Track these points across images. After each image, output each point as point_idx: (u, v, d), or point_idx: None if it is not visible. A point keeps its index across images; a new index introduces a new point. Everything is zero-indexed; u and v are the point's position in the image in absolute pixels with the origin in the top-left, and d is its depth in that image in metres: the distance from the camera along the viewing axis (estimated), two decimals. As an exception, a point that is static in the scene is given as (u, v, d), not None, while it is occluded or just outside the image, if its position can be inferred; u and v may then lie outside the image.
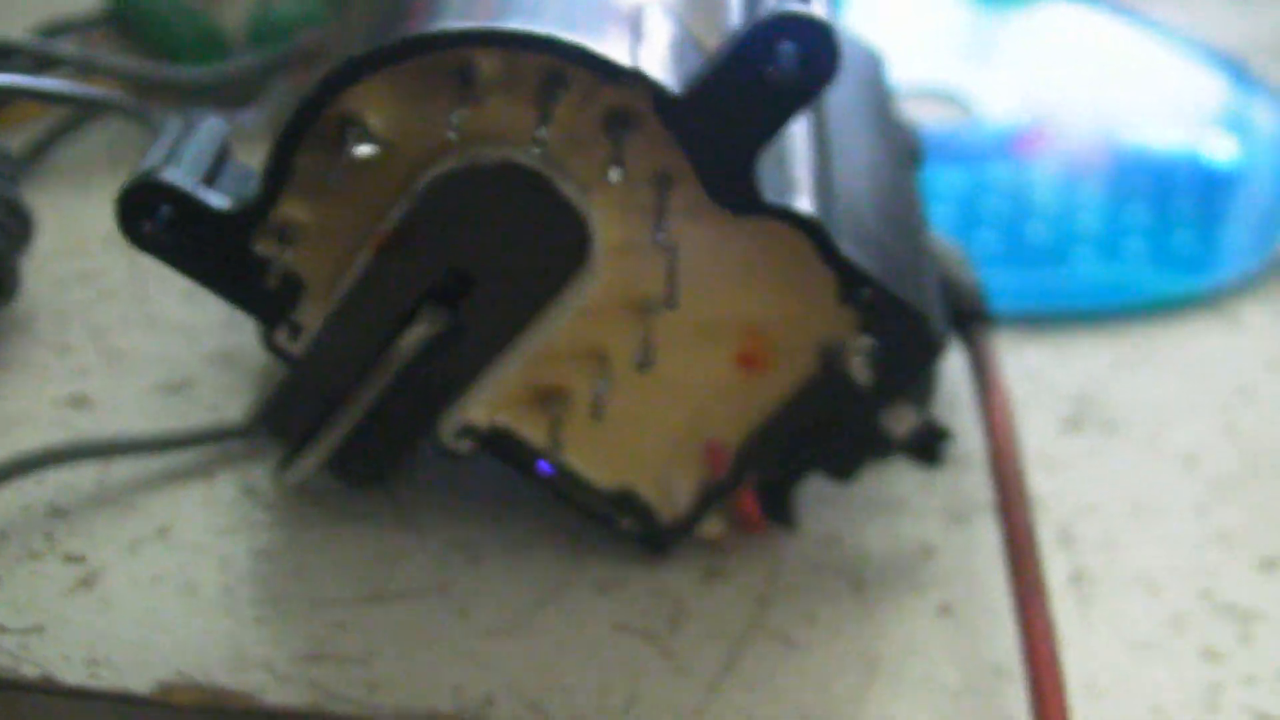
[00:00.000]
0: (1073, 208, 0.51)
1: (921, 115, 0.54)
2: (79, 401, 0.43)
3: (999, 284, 0.42)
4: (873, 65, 0.44)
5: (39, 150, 0.53)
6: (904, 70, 0.49)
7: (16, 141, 0.52)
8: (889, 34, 0.51)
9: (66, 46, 0.51)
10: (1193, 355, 0.47)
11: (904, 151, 0.42)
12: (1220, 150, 0.55)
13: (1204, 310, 0.48)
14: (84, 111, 0.52)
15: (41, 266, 0.48)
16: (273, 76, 0.53)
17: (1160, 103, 0.59)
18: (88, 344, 0.45)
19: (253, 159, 0.35)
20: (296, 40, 0.52)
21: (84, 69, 0.50)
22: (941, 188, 0.51)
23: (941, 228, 0.42)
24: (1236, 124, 0.57)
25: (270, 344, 0.36)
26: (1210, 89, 0.60)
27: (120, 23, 0.57)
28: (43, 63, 0.51)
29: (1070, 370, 0.46)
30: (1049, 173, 0.53)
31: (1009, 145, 0.55)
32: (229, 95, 0.53)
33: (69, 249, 0.49)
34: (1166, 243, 0.50)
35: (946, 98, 0.58)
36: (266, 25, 0.54)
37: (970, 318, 0.40)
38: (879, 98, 0.43)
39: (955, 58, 0.62)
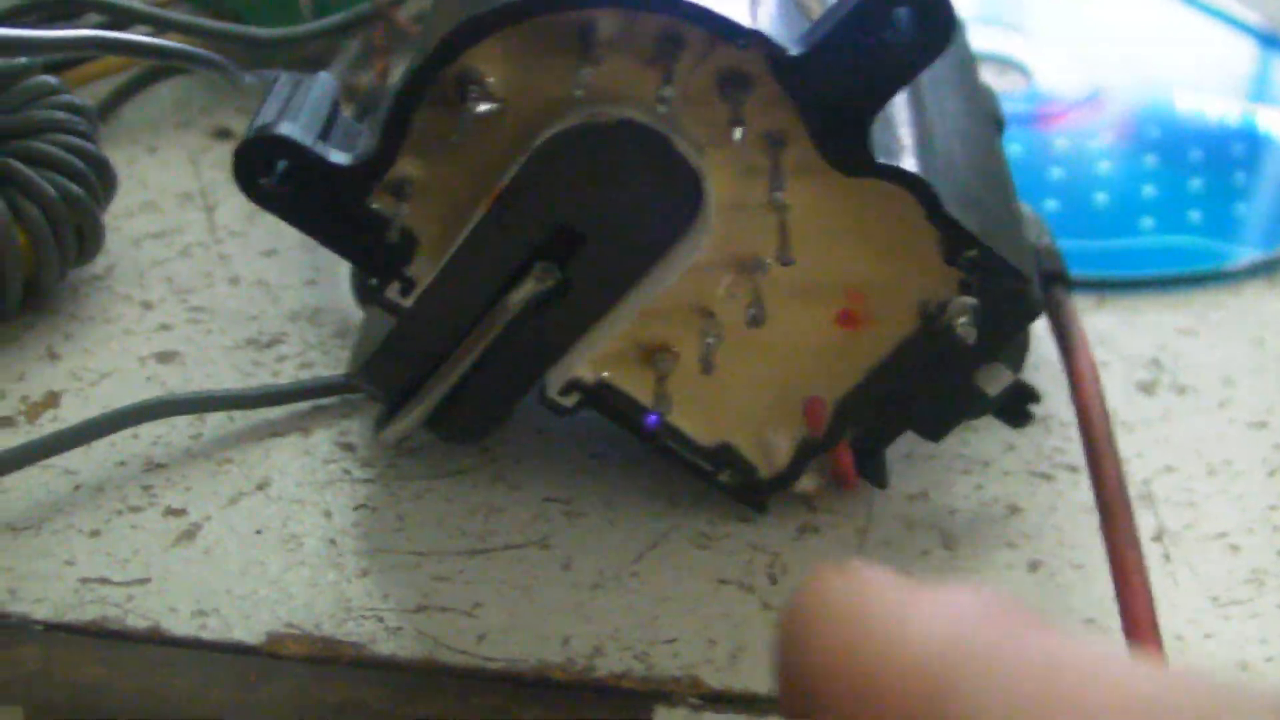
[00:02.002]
0: (1134, 177, 0.52)
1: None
2: (166, 357, 0.43)
3: (1066, 250, 0.43)
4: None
5: (108, 109, 0.53)
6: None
7: (88, 99, 0.52)
8: None
9: (142, 4, 0.51)
10: (1256, 322, 0.47)
11: (989, 116, 0.42)
12: (1273, 122, 0.56)
13: (1264, 279, 0.49)
14: (154, 71, 0.53)
15: (117, 224, 0.48)
16: (344, 37, 0.53)
17: (1206, 73, 0.59)
18: (170, 300, 0.46)
19: None
20: (365, 2, 0.53)
21: (158, 26, 0.50)
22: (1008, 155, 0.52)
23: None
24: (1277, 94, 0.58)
25: (379, 299, 0.36)
26: (1250, 58, 0.61)
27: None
28: (116, 20, 0.52)
29: (1139, 335, 0.46)
30: (1108, 140, 0.54)
31: (1069, 111, 0.55)
32: (301, 56, 0.53)
33: (143, 206, 0.50)
34: (1226, 213, 0.51)
35: (1007, 63, 0.59)
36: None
37: (1051, 280, 0.41)
38: (965, 62, 0.43)
39: (1008, 24, 0.63)
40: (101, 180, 0.45)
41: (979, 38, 0.57)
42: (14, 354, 0.43)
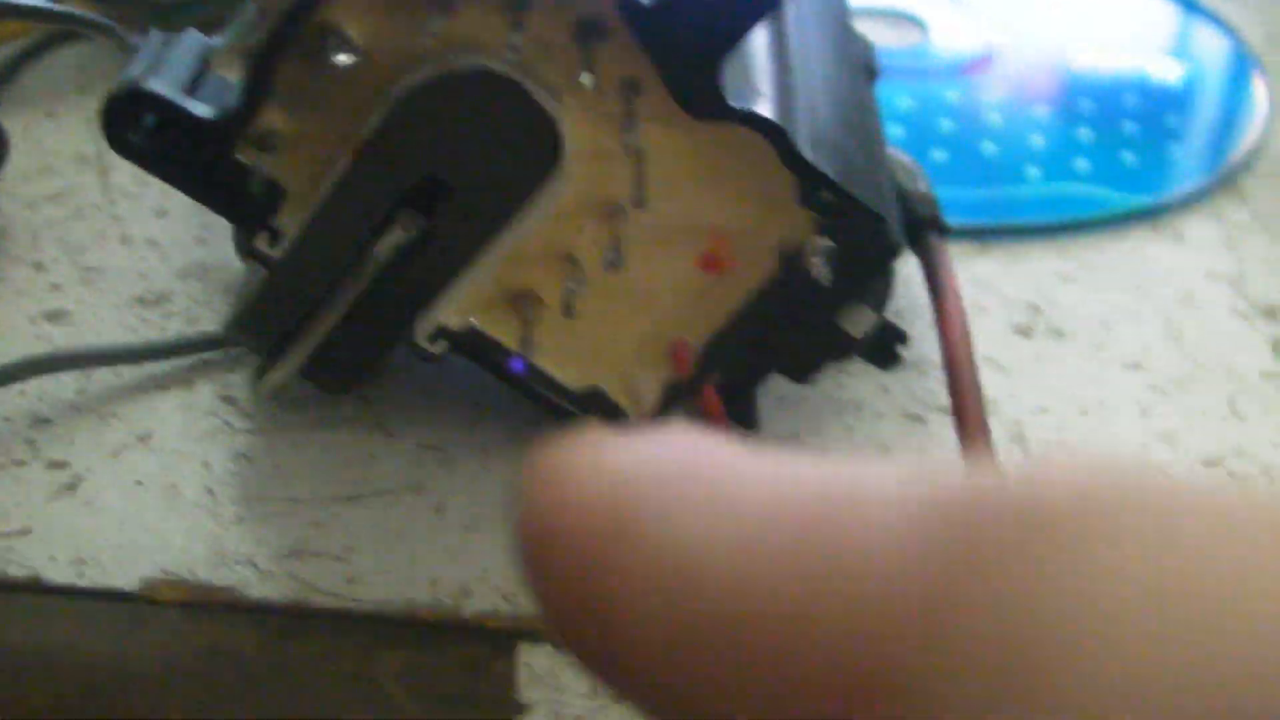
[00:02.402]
0: (1023, 128, 0.53)
1: (879, 35, 0.55)
2: (56, 316, 0.44)
3: (951, 200, 0.44)
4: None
5: (7, 73, 0.54)
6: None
7: (-16, 66, 0.53)
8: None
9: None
10: (1137, 267, 0.48)
11: (861, 65, 0.43)
12: (1167, 72, 0.57)
13: (1149, 226, 0.50)
14: (54, 36, 0.53)
15: (13, 188, 0.49)
16: (243, 2, 0.54)
17: (1109, 28, 0.60)
18: (63, 261, 0.46)
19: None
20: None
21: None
22: (896, 107, 0.53)
23: (896, 144, 0.44)
24: (1183, 48, 0.59)
25: (249, 250, 0.37)
26: (1157, 14, 0.61)
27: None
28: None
29: (1020, 281, 0.47)
30: (1000, 95, 0.55)
31: (962, 67, 0.56)
32: (199, 18, 0.54)
33: (40, 170, 0.50)
34: (1114, 161, 0.52)
35: (903, 18, 0.59)
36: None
37: (925, 226, 0.42)
38: (836, 12, 0.44)
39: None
40: (-8, 145, 0.45)
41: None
42: (-97, 316, 0.44)
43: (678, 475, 0.16)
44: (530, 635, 0.35)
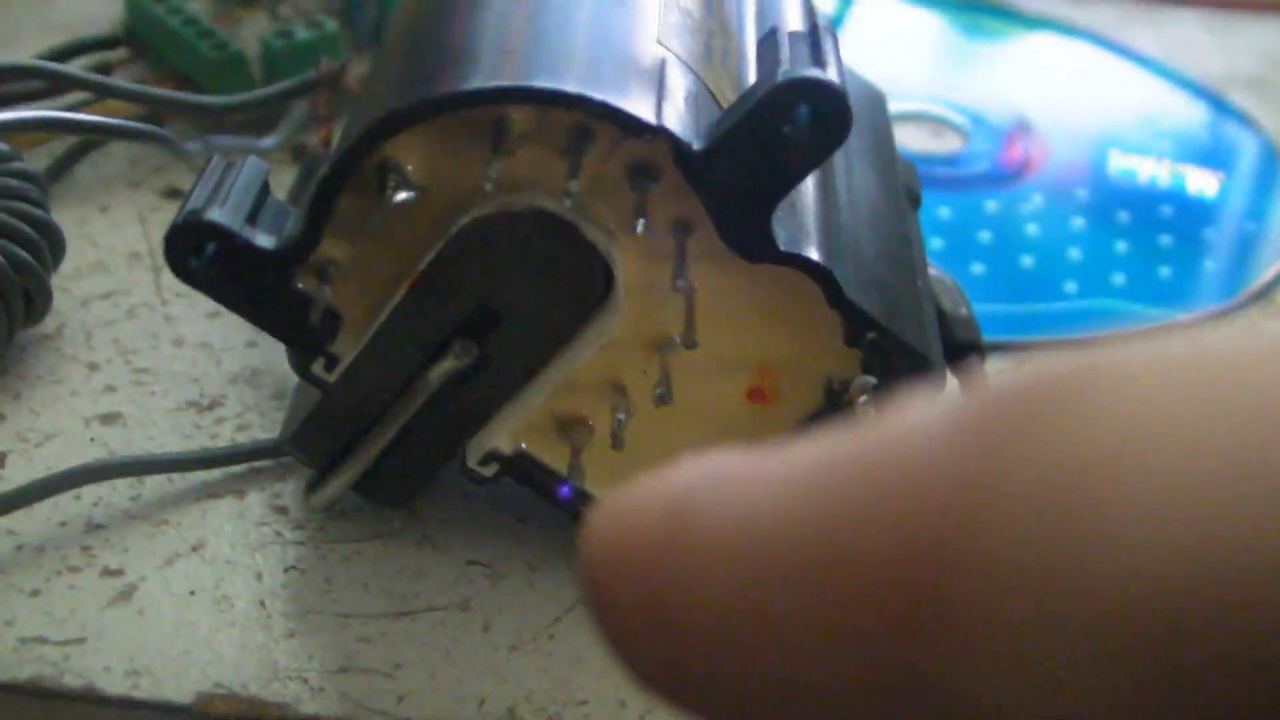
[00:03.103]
0: (1060, 241, 0.54)
1: (919, 142, 0.56)
2: (110, 419, 0.45)
3: (989, 316, 0.44)
4: (876, 104, 0.46)
5: (60, 169, 0.55)
6: (897, 95, 0.51)
7: (40, 161, 0.54)
8: (877, 55, 0.53)
9: (83, 72, 0.53)
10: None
11: (904, 191, 0.44)
12: (1203, 184, 0.57)
13: (1181, 341, 0.50)
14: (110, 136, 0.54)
15: (67, 284, 0.50)
16: (292, 102, 0.55)
17: (1145, 130, 0.61)
18: (116, 361, 0.47)
19: (275, 181, 0.37)
20: (315, 68, 0.54)
21: (99, 94, 0.52)
22: (936, 216, 0.53)
23: (935, 259, 0.45)
24: (1216, 156, 0.60)
25: (306, 374, 0.37)
26: (1191, 119, 0.62)
27: (136, 43, 0.59)
28: (62, 87, 0.53)
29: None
30: (1038, 204, 0.55)
31: (1002, 175, 0.57)
32: (248, 119, 0.55)
33: (92, 266, 0.51)
34: (1149, 276, 0.52)
35: (944, 124, 0.60)
36: (284, 50, 0.56)
37: (965, 351, 0.43)
38: (882, 137, 0.45)
39: (942, 84, 0.64)
40: (51, 245, 0.46)
41: (916, 97, 0.59)
42: (-38, 414, 0.45)
43: (718, 472, 0.17)
44: (574, 760, 0.36)
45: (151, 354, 0.47)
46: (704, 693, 0.16)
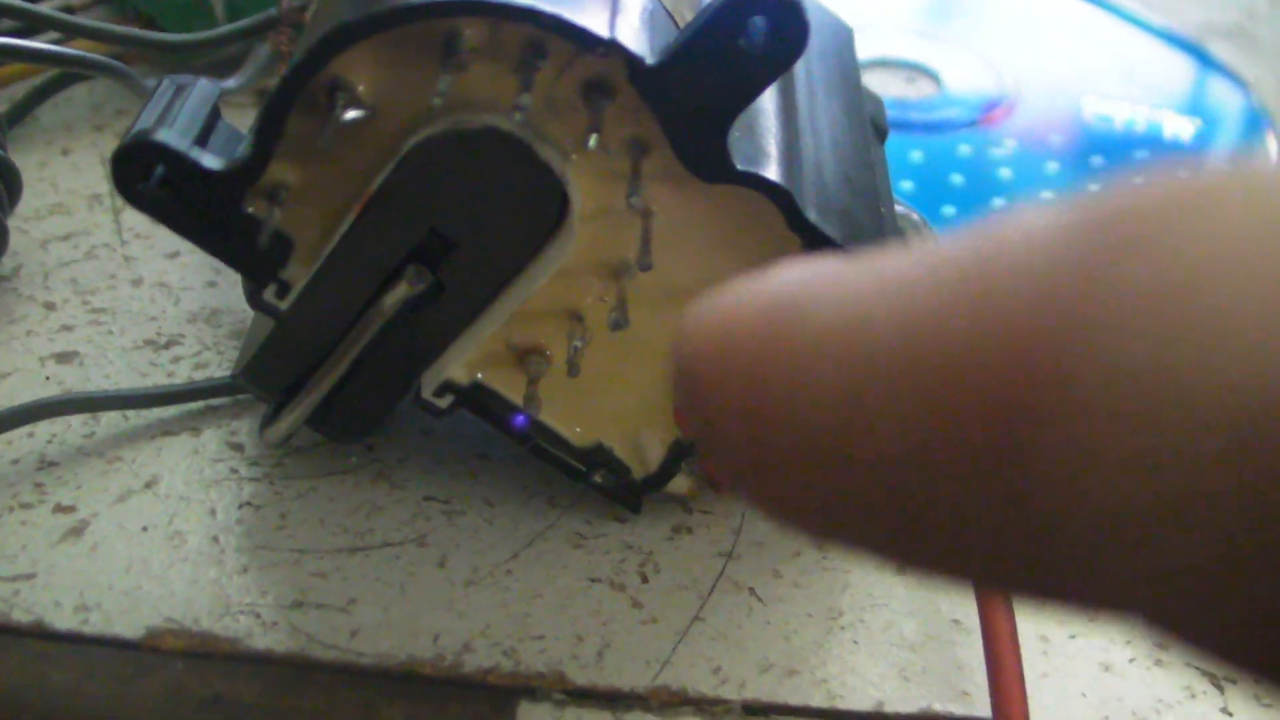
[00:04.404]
0: (1034, 184, 0.53)
1: (893, 88, 0.56)
2: (66, 357, 0.44)
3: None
4: (842, 38, 0.45)
5: (22, 111, 0.54)
6: (873, 42, 0.50)
7: (1, 105, 0.53)
8: (857, 4, 0.52)
9: (52, 10, 0.52)
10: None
11: (871, 123, 0.43)
12: (1181, 129, 0.57)
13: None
14: (69, 73, 0.53)
15: (25, 226, 0.49)
16: (255, 41, 0.54)
17: (1123, 81, 0.60)
18: (73, 301, 0.46)
19: (237, 123, 0.36)
20: (276, 6, 0.53)
21: (68, 32, 0.51)
22: (908, 160, 0.53)
23: (906, 200, 0.44)
24: (1196, 102, 0.59)
25: (258, 301, 0.37)
26: (1172, 69, 0.62)
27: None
28: (28, 26, 0.52)
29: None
30: (1012, 147, 0.55)
31: (975, 119, 0.56)
32: (212, 60, 0.54)
33: (52, 208, 0.51)
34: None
35: (918, 70, 0.59)
36: (247, -8, 0.55)
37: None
38: (847, 71, 0.44)
39: (921, 32, 0.63)
40: (7, 186, 0.46)
41: (892, 44, 0.58)
42: (-85, 353, 0.44)
43: (820, 273, 0.16)
44: (531, 692, 0.35)
45: (109, 294, 0.47)
46: (794, 491, 0.16)
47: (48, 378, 0.43)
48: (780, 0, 0.32)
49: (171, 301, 0.46)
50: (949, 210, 0.52)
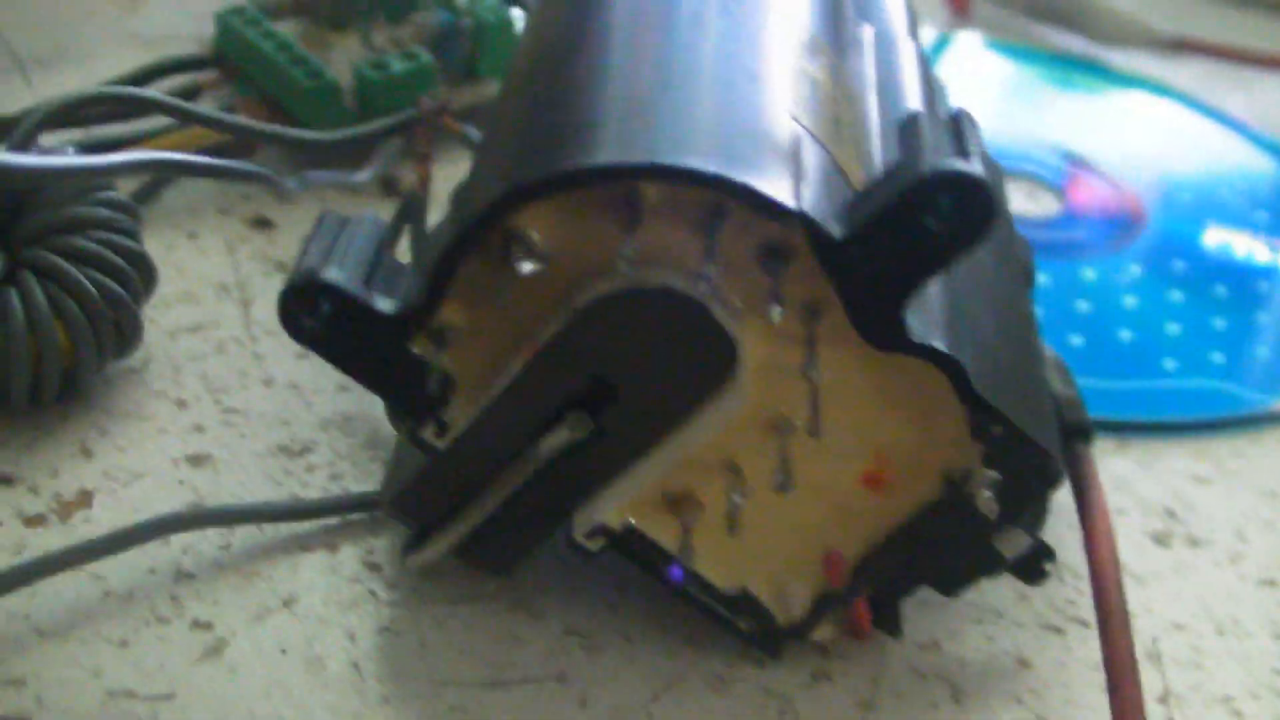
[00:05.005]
0: (1158, 314, 0.53)
1: (1012, 201, 0.55)
2: (199, 460, 0.44)
3: (1089, 391, 0.44)
4: (993, 175, 0.45)
5: (149, 193, 0.54)
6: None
7: (129, 184, 0.53)
8: (967, 105, 0.52)
9: (202, 108, 0.52)
10: (1270, 472, 0.48)
11: (1021, 269, 0.43)
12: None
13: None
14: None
15: (154, 315, 0.49)
16: (386, 138, 0.54)
17: (1238, 200, 0.60)
18: (205, 399, 0.46)
19: (362, 209, 0.37)
20: (414, 105, 0.53)
21: (206, 125, 0.51)
22: (1036, 287, 0.52)
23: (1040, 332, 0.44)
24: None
25: (415, 439, 0.37)
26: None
27: (225, 65, 0.58)
28: (141, 108, 0.52)
29: (1156, 482, 0.47)
30: (1136, 274, 0.55)
31: (1099, 242, 0.56)
32: (343, 153, 0.54)
33: (180, 296, 0.51)
34: (1248, 357, 0.52)
35: (1040, 184, 0.59)
36: (378, 81, 0.55)
37: (1072, 433, 0.42)
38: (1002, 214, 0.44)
39: (1033, 137, 0.63)
40: (142, 276, 0.46)
41: (1014, 157, 0.58)
42: (49, 448, 0.44)
43: None
44: None
45: (241, 393, 0.47)
46: None
47: (181, 481, 0.43)
48: (969, 181, 0.32)
49: (303, 405, 0.46)
50: (1076, 340, 0.51)
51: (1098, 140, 0.64)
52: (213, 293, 0.51)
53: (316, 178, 0.51)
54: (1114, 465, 0.48)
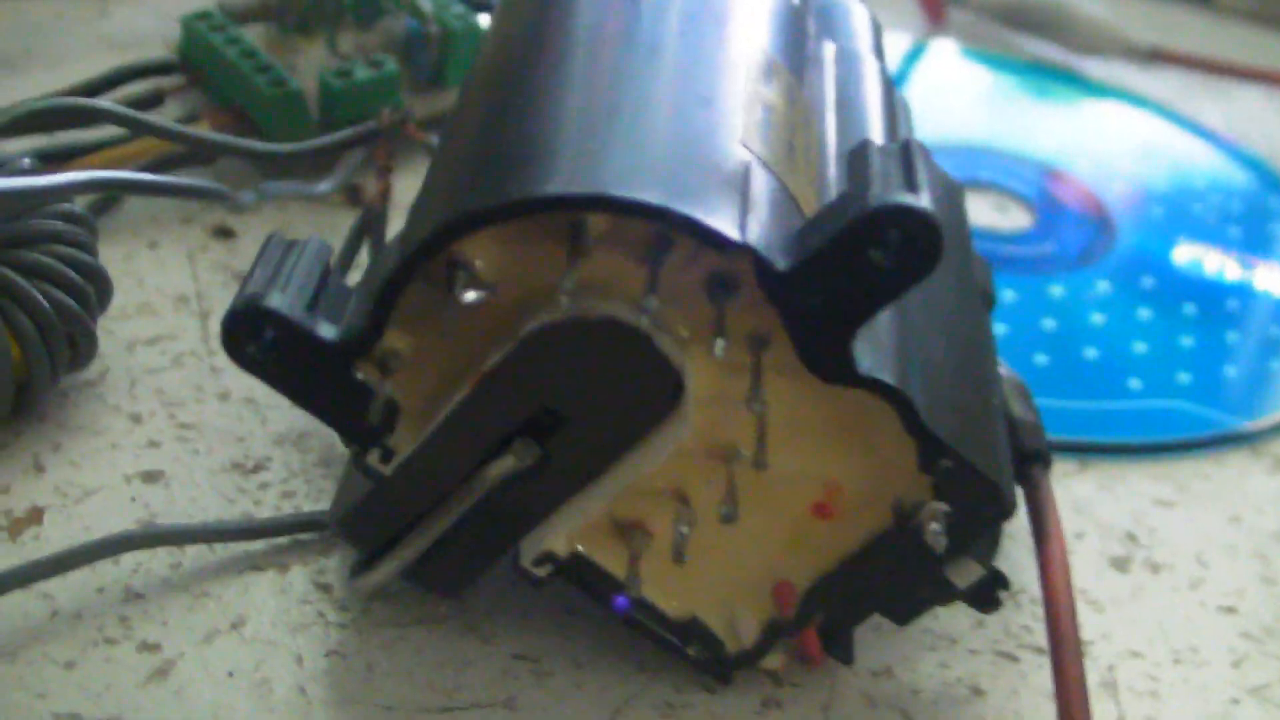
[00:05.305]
0: (1126, 332, 0.53)
1: (981, 214, 0.55)
2: (152, 477, 0.44)
3: (1051, 412, 0.43)
4: (952, 196, 0.45)
5: (110, 201, 0.54)
6: (957, 152, 0.49)
7: (90, 194, 0.53)
8: (939, 111, 0.52)
9: (161, 120, 0.51)
10: (1235, 497, 0.48)
11: (979, 292, 0.43)
12: (1272, 280, 0.56)
13: (1249, 450, 0.50)
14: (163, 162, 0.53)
15: (112, 326, 0.49)
16: (349, 149, 0.54)
17: (1211, 215, 0.60)
18: (160, 414, 0.46)
19: (328, 225, 0.36)
20: (376, 118, 0.53)
21: (167, 138, 0.51)
22: (1000, 299, 0.52)
23: (999, 347, 0.43)
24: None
25: (360, 464, 0.36)
26: (1261, 205, 0.61)
27: (191, 70, 0.58)
28: (94, 118, 0.52)
29: (1117, 505, 0.47)
30: (1105, 290, 0.54)
31: (1068, 259, 0.56)
32: (306, 162, 0.54)
33: (139, 308, 0.50)
34: (1216, 377, 0.51)
35: (1012, 198, 0.59)
36: (342, 89, 0.55)
37: (1030, 459, 0.41)
38: (957, 234, 0.44)
39: (1005, 145, 0.63)
40: (98, 291, 0.45)
41: (986, 168, 0.58)
42: (0, 463, 0.44)
43: None
44: None
45: (196, 408, 0.47)
46: None
47: (133, 498, 0.43)
48: (917, 216, 0.31)
49: (259, 420, 0.46)
50: (1041, 359, 0.51)
51: (1072, 150, 0.64)
52: (171, 304, 0.51)
53: (276, 189, 0.50)
54: (1075, 487, 0.47)
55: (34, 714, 0.37)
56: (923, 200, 0.31)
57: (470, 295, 0.34)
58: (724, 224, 0.32)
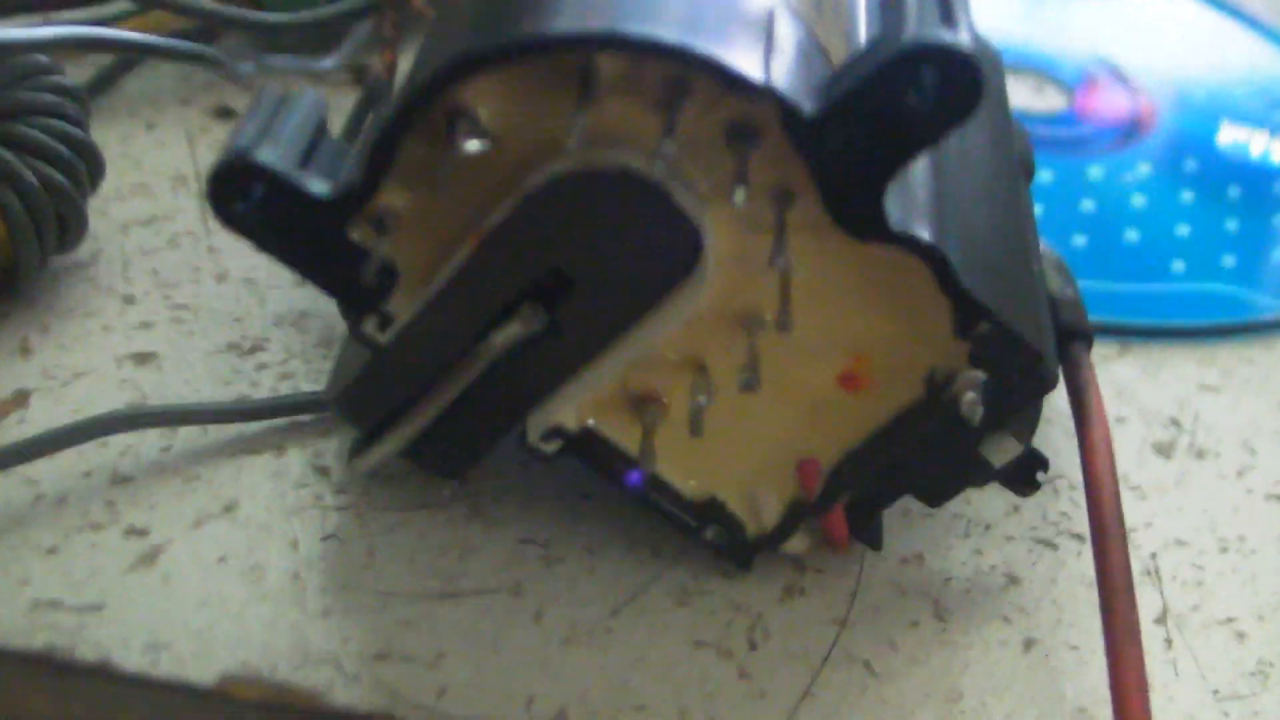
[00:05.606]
0: (1168, 215, 0.50)
1: (1018, 96, 0.53)
2: (144, 359, 0.42)
3: (1091, 293, 0.41)
4: (990, 63, 0.42)
5: (106, 82, 0.52)
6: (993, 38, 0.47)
7: (85, 73, 0.51)
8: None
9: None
10: (1282, 381, 0.46)
11: (1017, 162, 0.40)
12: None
13: (1296, 333, 0.47)
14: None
15: (106, 207, 0.47)
16: (353, 22, 0.51)
17: (1256, 101, 0.57)
18: (154, 295, 0.44)
19: (335, 102, 0.34)
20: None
21: (166, 8, 0.48)
22: (1037, 181, 0.50)
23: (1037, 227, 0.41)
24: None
25: (357, 332, 0.34)
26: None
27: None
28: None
29: (1161, 390, 0.44)
30: (1145, 173, 0.52)
31: (1107, 140, 0.53)
32: (307, 37, 0.51)
33: (134, 189, 0.48)
34: (1262, 260, 0.49)
35: (1048, 79, 0.56)
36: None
37: (1071, 336, 0.39)
38: (996, 101, 0.41)
39: (1041, 31, 0.60)
40: (88, 167, 0.43)
41: (1018, 52, 0.55)
42: (-14, 346, 0.42)
43: None
44: (629, 774, 0.33)
45: (192, 288, 0.44)
46: None
47: (124, 380, 0.41)
48: (956, 55, 0.29)
49: (257, 301, 0.44)
50: (1079, 240, 0.49)
51: (1111, 36, 0.61)
52: (169, 185, 0.48)
53: (277, 63, 0.48)
54: (1116, 371, 0.45)
55: (14, 600, 0.35)
56: (961, 37, 0.29)
57: (473, 145, 0.31)
58: (747, 64, 0.30)
